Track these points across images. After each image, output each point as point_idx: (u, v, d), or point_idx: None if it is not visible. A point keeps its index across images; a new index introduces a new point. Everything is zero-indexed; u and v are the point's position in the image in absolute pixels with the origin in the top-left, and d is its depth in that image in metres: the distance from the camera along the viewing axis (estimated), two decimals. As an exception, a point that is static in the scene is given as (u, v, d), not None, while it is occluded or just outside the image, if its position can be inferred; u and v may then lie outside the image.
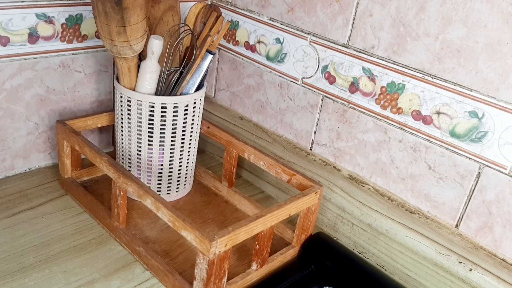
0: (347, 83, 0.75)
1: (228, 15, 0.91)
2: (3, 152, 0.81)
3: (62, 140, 0.79)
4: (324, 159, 0.82)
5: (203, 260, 0.58)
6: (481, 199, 0.64)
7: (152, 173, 0.79)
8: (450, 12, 0.62)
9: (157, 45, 0.71)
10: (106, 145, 0.95)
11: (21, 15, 0.74)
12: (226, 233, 0.58)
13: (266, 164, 0.78)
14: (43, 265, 0.66)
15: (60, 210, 0.78)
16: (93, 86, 0.88)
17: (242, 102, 0.94)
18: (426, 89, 0.66)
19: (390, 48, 0.69)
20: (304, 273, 0.71)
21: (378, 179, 0.75)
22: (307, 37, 0.79)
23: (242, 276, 0.67)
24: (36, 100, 0.81)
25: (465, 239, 0.66)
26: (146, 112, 0.74)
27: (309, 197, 0.69)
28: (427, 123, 0.67)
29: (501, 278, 0.62)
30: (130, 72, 0.73)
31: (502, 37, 0.58)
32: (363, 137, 0.75)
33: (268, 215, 0.63)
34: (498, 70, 0.59)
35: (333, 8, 0.74)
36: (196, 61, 0.76)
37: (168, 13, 0.77)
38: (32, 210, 0.76)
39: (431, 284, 0.69)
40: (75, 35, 0.81)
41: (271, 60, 0.86)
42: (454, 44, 0.62)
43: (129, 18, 0.66)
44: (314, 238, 0.75)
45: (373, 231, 0.74)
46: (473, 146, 0.63)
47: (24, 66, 0.78)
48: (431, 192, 0.69)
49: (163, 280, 0.66)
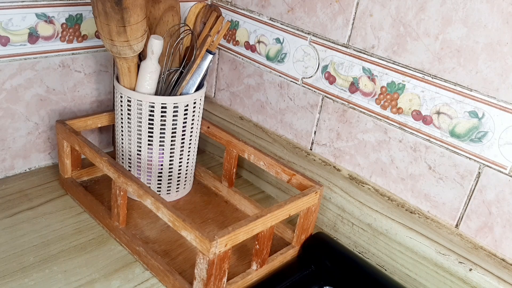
0: (347, 83, 0.75)
1: (228, 15, 0.91)
2: (3, 152, 0.81)
3: (62, 140, 0.79)
4: (324, 159, 0.82)
5: (203, 260, 0.58)
6: (481, 199, 0.64)
7: (152, 173, 0.79)
8: (450, 12, 0.62)
9: (157, 45, 0.71)
10: (106, 145, 0.95)
11: (21, 15, 0.74)
12: (226, 233, 0.58)
13: (266, 164, 0.78)
14: (43, 265, 0.66)
15: (60, 210, 0.78)
16: (93, 86, 0.88)
17: (242, 102, 0.94)
18: (426, 89, 0.66)
19: (390, 48, 0.69)
20: (304, 273, 0.71)
21: (378, 179, 0.75)
22: (307, 37, 0.79)
23: (242, 276, 0.67)
24: (36, 100, 0.81)
25: (465, 239, 0.66)
26: (146, 112, 0.74)
27: (309, 197, 0.69)
28: (427, 123, 0.67)
29: (501, 278, 0.62)
30: (130, 72, 0.73)
31: (502, 37, 0.58)
32: (363, 137, 0.75)
33: (268, 215, 0.63)
34: (498, 70, 0.59)
35: (333, 8, 0.74)
36: (196, 61, 0.76)
37: (168, 13, 0.77)
38: (32, 210, 0.76)
39: (431, 284, 0.69)
40: (75, 35, 0.81)
41: (271, 60, 0.86)
42: (454, 44, 0.62)
43: (129, 18, 0.66)
44: (314, 238, 0.75)
45: (373, 231, 0.74)
46: (473, 146, 0.63)
47: (24, 66, 0.78)
48: (431, 192, 0.69)
49: (163, 280, 0.66)
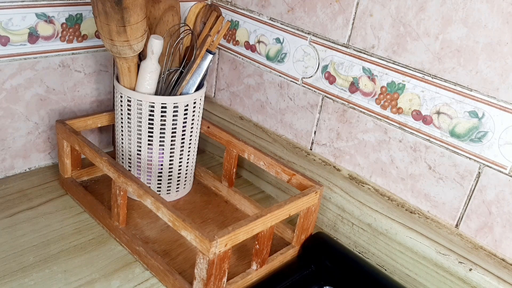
0: (347, 83, 0.75)
1: (228, 15, 0.91)
2: (3, 152, 0.81)
3: (62, 140, 0.79)
4: (324, 159, 0.82)
5: (203, 260, 0.58)
6: (481, 199, 0.64)
7: (152, 173, 0.79)
8: (450, 12, 0.62)
9: (157, 45, 0.71)
10: (106, 145, 0.95)
11: (21, 15, 0.74)
12: (226, 233, 0.58)
13: (266, 164, 0.78)
14: (43, 265, 0.66)
15: (60, 210, 0.77)
16: (93, 86, 0.88)
17: (242, 102, 0.94)
18: (426, 89, 0.66)
19: (390, 48, 0.69)
20: (304, 273, 0.71)
21: (378, 179, 0.75)
22: (307, 37, 0.79)
23: (242, 276, 0.67)
24: (36, 100, 0.81)
25: (465, 239, 0.66)
26: (146, 112, 0.74)
27: (309, 197, 0.69)
28: (427, 123, 0.67)
29: (501, 278, 0.62)
30: (130, 72, 0.73)
31: (502, 37, 0.58)
32: (363, 137, 0.75)
33: (268, 215, 0.63)
34: (498, 70, 0.59)
35: (333, 8, 0.74)
36: (196, 61, 0.76)
37: (168, 12, 0.77)
38: (32, 210, 0.76)
39: (431, 284, 0.69)
40: (75, 35, 0.81)
41: (271, 60, 0.86)
42: (454, 44, 0.62)
43: (129, 17, 0.66)
44: (314, 238, 0.75)
45: (373, 231, 0.74)
46: (473, 146, 0.63)
47: (24, 66, 0.77)
48: (431, 192, 0.69)
49: (163, 280, 0.66)
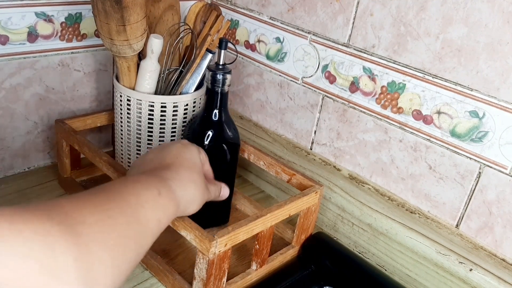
0: (348, 82, 0.75)
1: (228, 14, 0.91)
2: (2, 152, 0.81)
3: (61, 140, 0.78)
4: (324, 158, 0.82)
5: (202, 260, 0.58)
6: (482, 199, 0.64)
7: (152, 173, 0.79)
8: (451, 11, 0.62)
9: (157, 44, 0.71)
10: (105, 144, 0.95)
11: (20, 14, 0.73)
12: (226, 233, 0.58)
13: (266, 163, 0.78)
14: (42, 264, 0.66)
15: (59, 209, 0.77)
16: (92, 85, 0.87)
17: (242, 101, 0.94)
18: (427, 88, 0.66)
19: (390, 47, 0.69)
20: (304, 273, 0.71)
21: (378, 179, 0.75)
22: (307, 36, 0.79)
23: (242, 276, 0.67)
24: (35, 99, 0.81)
25: (465, 239, 0.66)
26: (145, 111, 0.73)
27: (309, 197, 0.69)
28: (428, 122, 0.67)
29: (502, 278, 0.62)
30: (130, 71, 0.73)
31: (503, 36, 0.58)
32: (363, 136, 0.75)
33: (268, 215, 0.63)
34: (499, 70, 0.59)
35: (333, 7, 0.74)
36: (196, 60, 0.75)
37: (168, 12, 0.77)
38: (31, 209, 0.76)
39: (431, 284, 0.69)
40: (74, 34, 0.81)
41: (271, 60, 0.86)
42: (454, 43, 0.62)
43: (129, 17, 0.65)
44: (314, 238, 0.75)
45: (373, 231, 0.74)
46: (474, 146, 0.63)
47: (23, 65, 0.77)
48: (431, 192, 0.69)
49: (162, 280, 0.66)
